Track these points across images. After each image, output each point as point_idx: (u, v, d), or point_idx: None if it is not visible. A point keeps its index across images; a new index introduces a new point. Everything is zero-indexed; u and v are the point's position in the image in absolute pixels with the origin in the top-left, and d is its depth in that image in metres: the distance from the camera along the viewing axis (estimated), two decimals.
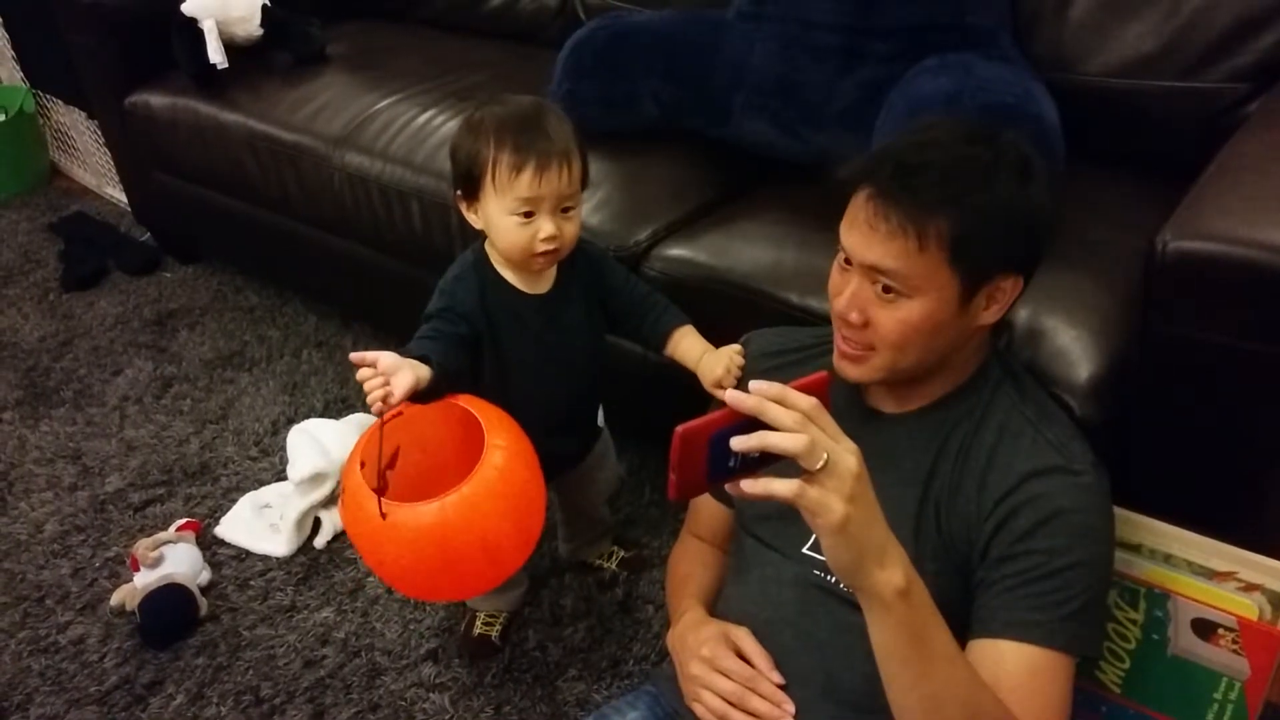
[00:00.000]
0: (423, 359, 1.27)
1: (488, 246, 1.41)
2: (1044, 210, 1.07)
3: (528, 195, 1.30)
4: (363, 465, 1.28)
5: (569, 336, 1.46)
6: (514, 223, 1.33)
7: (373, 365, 1.21)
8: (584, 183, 1.37)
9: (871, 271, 1.06)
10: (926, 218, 1.01)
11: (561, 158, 1.31)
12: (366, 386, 1.21)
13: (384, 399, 1.20)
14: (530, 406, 1.40)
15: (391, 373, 1.21)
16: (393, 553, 1.26)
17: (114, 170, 2.94)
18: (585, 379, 1.53)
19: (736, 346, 1.36)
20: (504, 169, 1.30)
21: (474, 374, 1.41)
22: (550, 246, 1.33)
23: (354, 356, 1.23)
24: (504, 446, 1.28)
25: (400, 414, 1.33)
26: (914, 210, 1.02)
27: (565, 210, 1.34)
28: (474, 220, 1.39)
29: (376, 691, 1.61)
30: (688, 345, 1.44)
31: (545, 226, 1.32)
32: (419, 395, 1.26)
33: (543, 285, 1.43)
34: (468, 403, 1.32)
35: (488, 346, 1.41)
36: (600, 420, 1.65)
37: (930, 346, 1.08)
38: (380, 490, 1.24)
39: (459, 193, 1.38)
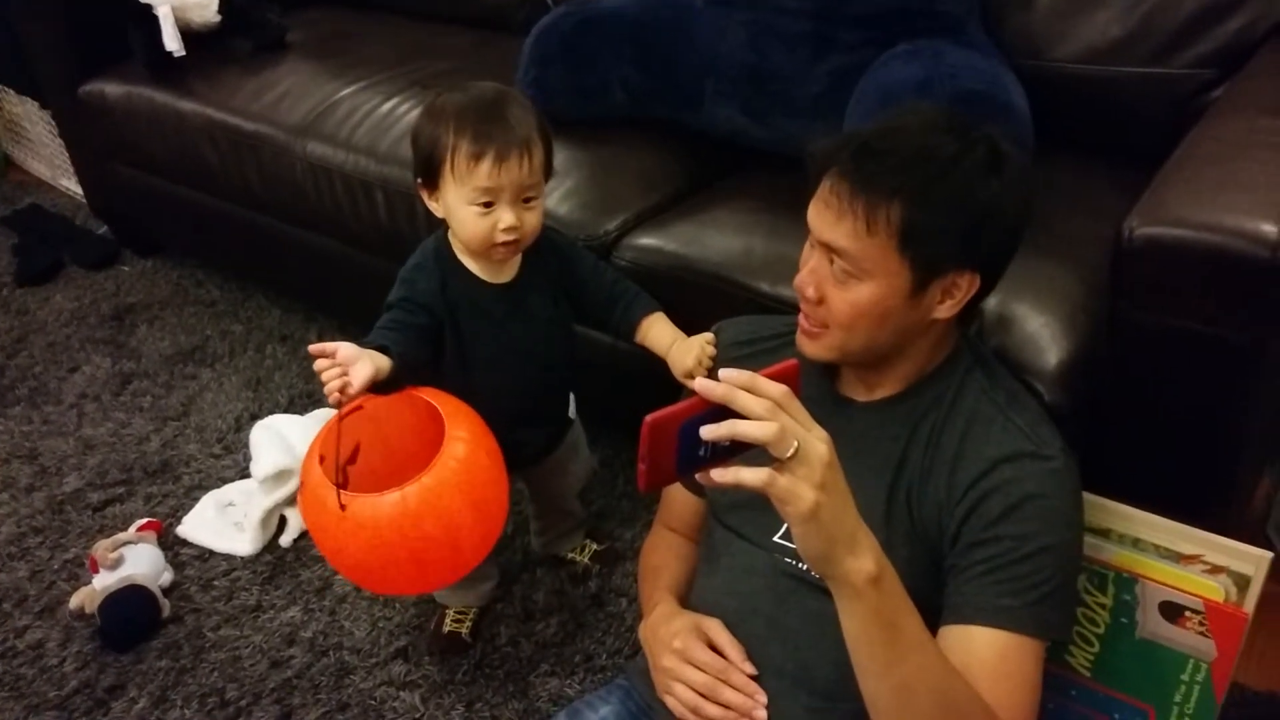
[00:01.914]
0: (382, 349, 1.25)
1: (450, 235, 1.40)
2: (1008, 208, 1.06)
3: (487, 185, 1.29)
4: (322, 459, 1.27)
5: (533, 326, 1.45)
6: (473, 213, 1.31)
7: (331, 356, 1.20)
8: (547, 172, 1.35)
9: (828, 250, 1.06)
10: (878, 202, 1.02)
11: (522, 147, 1.29)
12: (324, 378, 1.20)
13: (341, 390, 1.19)
14: (494, 397, 1.39)
15: (349, 364, 1.20)
16: (353, 547, 1.25)
17: (69, 162, 2.90)
18: (552, 370, 1.51)
19: (708, 335, 1.36)
20: (463, 158, 1.28)
21: (436, 364, 1.39)
22: (510, 237, 1.32)
23: (312, 348, 1.21)
24: (465, 438, 1.27)
25: (360, 408, 1.32)
26: (866, 193, 1.02)
27: (527, 200, 1.33)
28: (435, 208, 1.37)
29: (345, 691, 1.59)
30: (658, 333, 1.43)
31: (505, 217, 1.31)
32: (378, 386, 1.24)
33: (506, 274, 1.41)
34: (428, 395, 1.31)
35: (449, 336, 1.39)
36: (572, 412, 1.64)
37: (878, 331, 1.08)
38: (340, 483, 1.23)
39: (420, 180, 1.37)
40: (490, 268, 1.40)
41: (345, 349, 1.20)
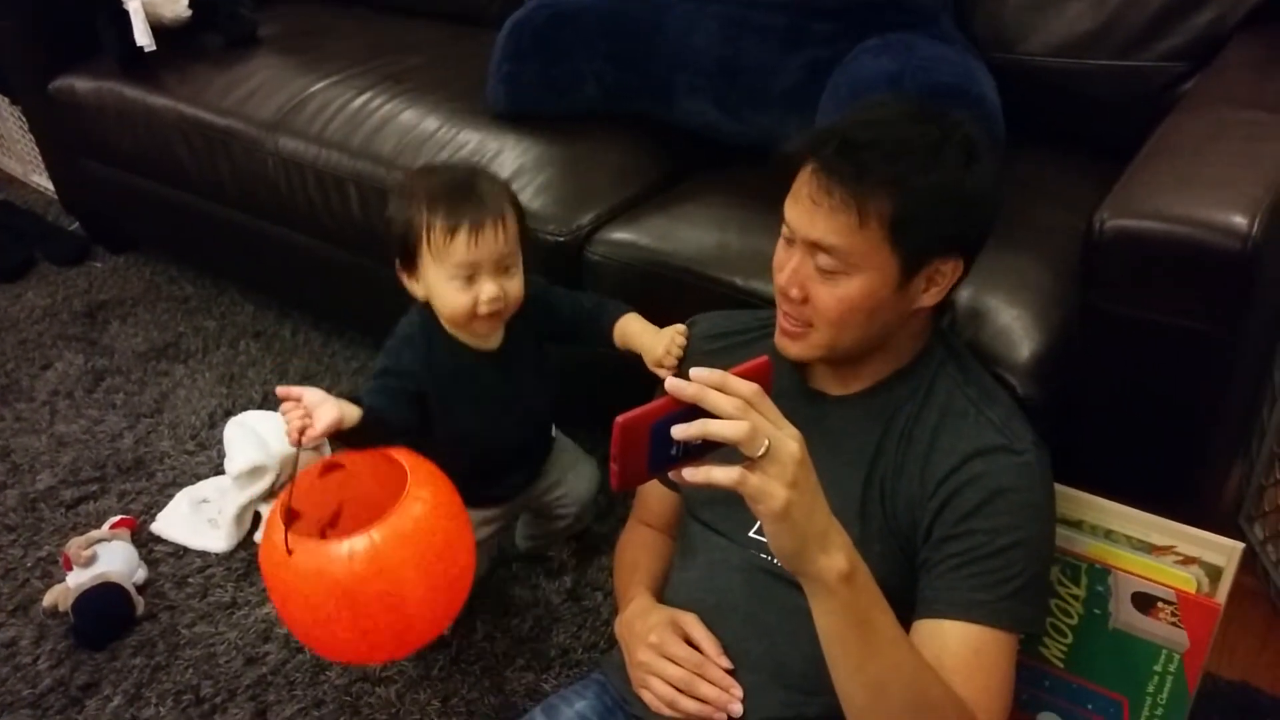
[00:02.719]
0: (353, 400, 1.25)
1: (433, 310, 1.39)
2: (987, 193, 1.07)
3: (465, 259, 1.29)
4: (296, 515, 1.27)
5: (523, 388, 1.46)
6: (454, 288, 1.31)
7: (297, 400, 1.20)
8: (523, 240, 1.36)
9: (812, 247, 1.06)
10: (868, 195, 1.01)
11: (495, 218, 1.30)
12: (287, 418, 1.19)
13: (301, 430, 1.18)
14: (483, 454, 1.44)
15: (315, 406, 1.19)
16: (297, 597, 1.23)
17: (39, 157, 2.87)
18: (539, 420, 1.54)
19: (680, 326, 1.36)
20: (439, 234, 1.29)
21: (423, 430, 1.38)
22: (494, 308, 1.32)
23: (279, 390, 1.22)
24: (426, 499, 1.25)
25: (341, 466, 1.33)
26: (856, 187, 1.01)
27: (506, 269, 1.33)
28: (416, 290, 1.37)
29: (321, 687, 1.58)
30: (632, 330, 1.43)
31: (487, 288, 1.31)
32: (352, 439, 1.25)
33: (493, 341, 1.41)
34: (400, 455, 1.30)
35: (435, 404, 1.39)
36: (553, 432, 1.64)
37: (869, 325, 1.08)
38: (288, 522, 1.22)
39: (398, 263, 1.37)
40: (475, 336, 1.40)
41: (310, 393, 1.20)
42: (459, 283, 1.31)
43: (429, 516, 1.24)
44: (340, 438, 1.24)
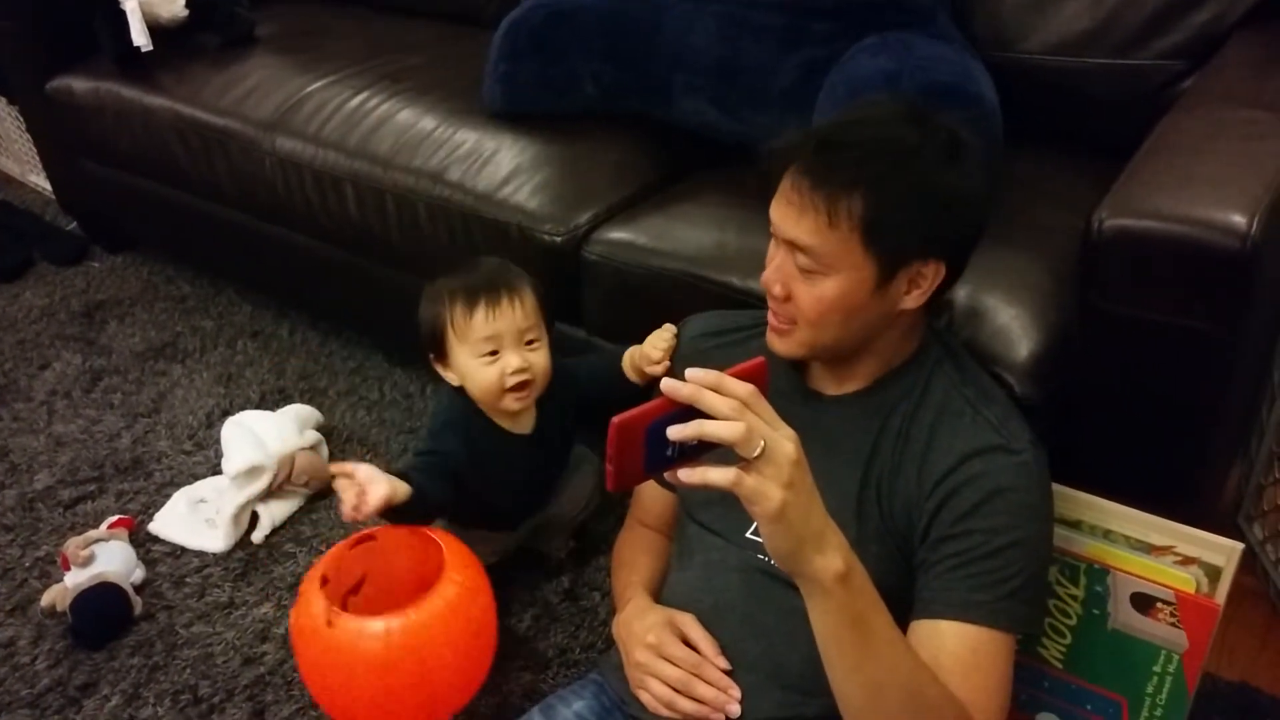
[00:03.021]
0: (404, 477, 1.30)
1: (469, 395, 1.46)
2: (969, 195, 1.06)
3: (486, 333, 1.38)
4: (325, 581, 1.30)
5: (553, 465, 1.60)
6: (481, 364, 1.40)
7: (350, 475, 1.25)
8: (544, 317, 1.43)
9: (791, 246, 1.06)
10: (838, 196, 1.01)
11: (510, 292, 1.39)
12: (342, 495, 1.25)
13: (356, 508, 1.24)
14: (509, 510, 1.59)
15: (367, 483, 1.25)
16: (333, 671, 1.27)
17: (37, 157, 2.87)
18: (560, 478, 1.64)
19: (668, 326, 1.36)
20: (459, 315, 1.39)
21: (458, 497, 1.44)
22: (520, 379, 1.39)
23: (333, 467, 1.27)
24: (460, 583, 1.31)
25: (373, 538, 1.38)
26: (826, 187, 1.02)
27: (530, 344, 1.40)
28: (450, 378, 1.46)
29: None
30: (633, 353, 1.46)
31: (511, 360, 1.39)
32: (394, 515, 1.30)
33: (526, 425, 1.48)
34: (437, 535, 1.36)
35: (472, 482, 1.44)
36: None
37: (847, 325, 1.08)
38: (335, 601, 1.28)
39: (432, 356, 1.46)
40: (510, 419, 1.46)
41: (365, 469, 1.26)
42: (484, 359, 1.39)
43: (462, 599, 1.30)
44: (384, 513, 1.29)
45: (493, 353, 1.39)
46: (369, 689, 1.26)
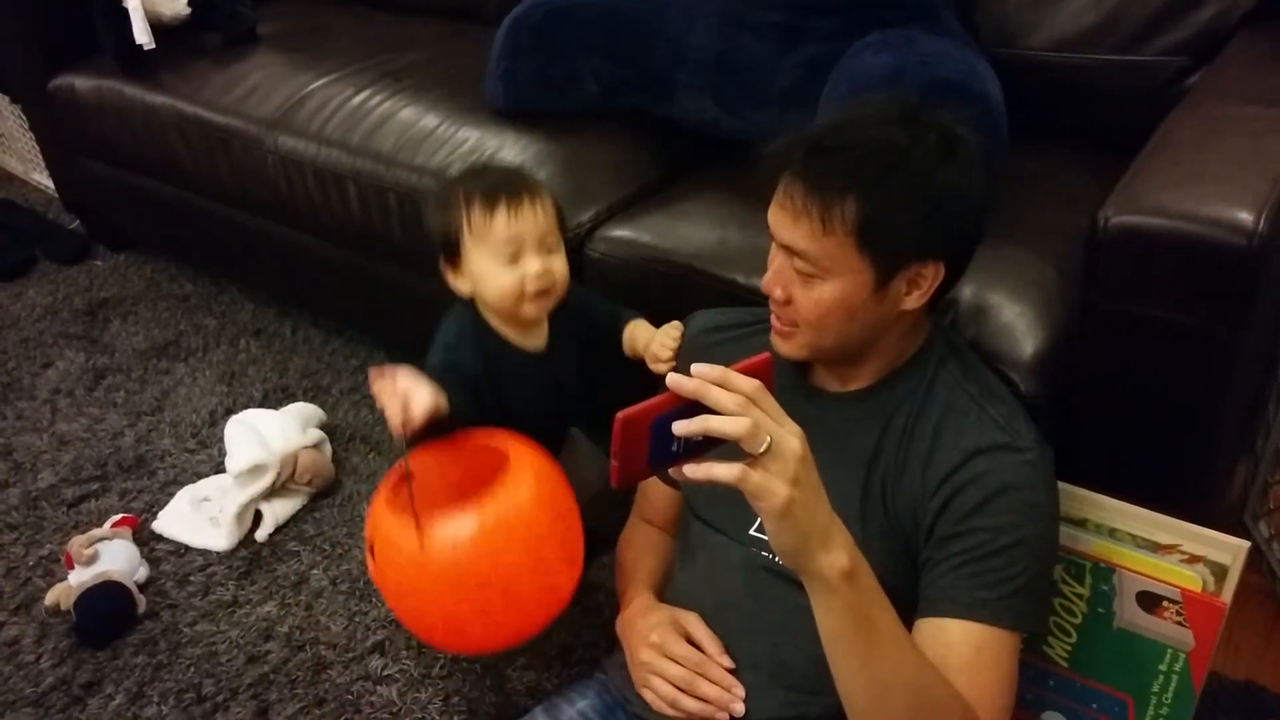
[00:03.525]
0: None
1: (479, 307, 1.40)
2: (965, 194, 1.05)
3: (507, 235, 1.31)
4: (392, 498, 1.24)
5: (566, 388, 1.49)
6: (500, 268, 1.32)
7: (390, 383, 1.19)
8: (562, 228, 1.38)
9: (789, 251, 1.06)
10: (831, 201, 1.01)
11: (531, 195, 1.32)
12: (386, 406, 1.19)
13: (405, 423, 1.18)
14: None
15: (411, 391, 1.19)
16: (433, 583, 1.19)
17: (40, 156, 2.87)
18: (576, 422, 1.56)
19: (676, 324, 1.36)
20: (478, 215, 1.31)
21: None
22: (541, 285, 1.33)
23: (373, 371, 1.22)
24: (532, 463, 1.24)
25: (414, 476, 1.28)
26: (819, 192, 1.01)
27: (549, 248, 1.35)
28: (461, 286, 1.38)
29: (322, 686, 1.58)
30: (637, 333, 1.44)
31: (533, 264, 1.32)
32: (436, 428, 1.24)
33: (539, 340, 1.42)
34: (492, 438, 1.28)
35: (489, 401, 1.39)
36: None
37: (848, 328, 1.08)
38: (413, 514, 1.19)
39: (443, 258, 1.38)
40: (523, 333, 1.41)
41: (404, 373, 1.20)
42: (504, 262, 1.32)
43: (545, 474, 1.24)
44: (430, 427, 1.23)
45: (512, 256, 1.32)
46: (480, 581, 1.18)
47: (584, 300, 1.49)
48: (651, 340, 1.37)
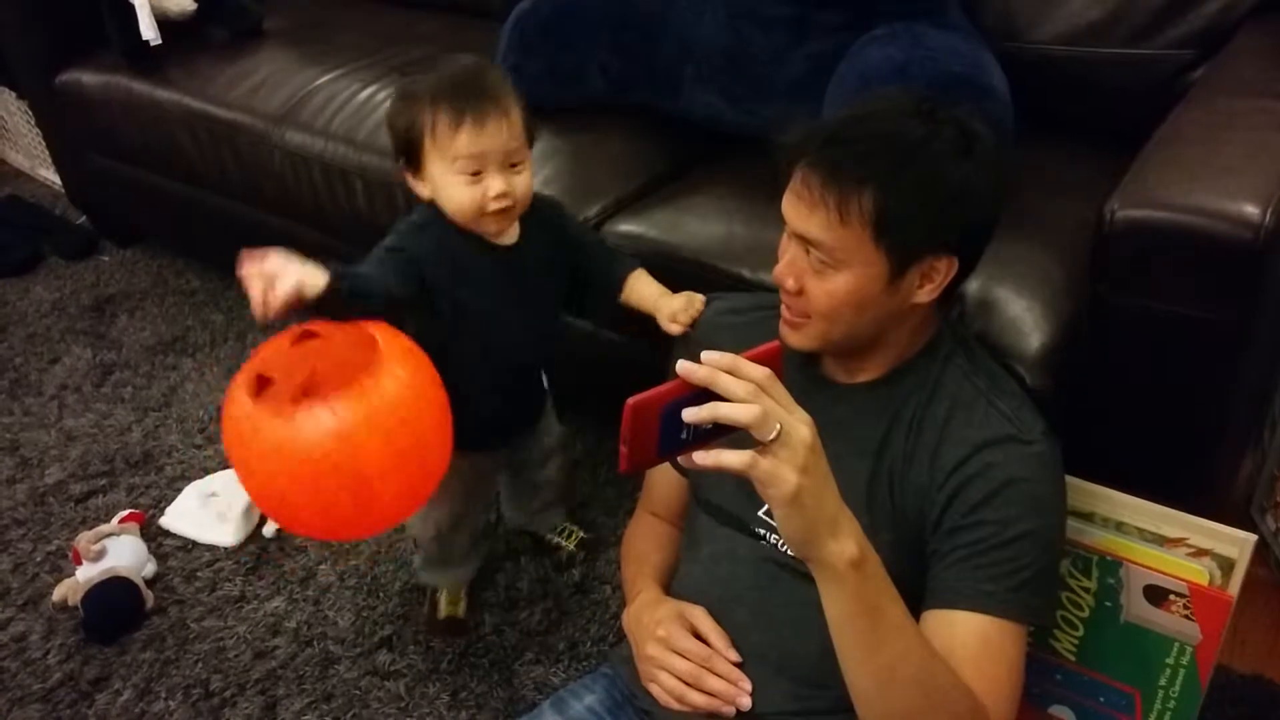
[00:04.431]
0: (345, 273, 1.19)
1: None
2: (980, 189, 1.05)
3: (471, 152, 1.26)
4: (266, 383, 1.18)
5: (532, 289, 1.42)
6: (461, 182, 1.28)
7: (259, 263, 1.12)
8: (529, 139, 1.33)
9: (803, 241, 1.06)
10: (849, 192, 1.01)
11: (499, 111, 1.26)
12: (249, 288, 1.12)
13: (266, 304, 1.11)
14: (486, 360, 1.38)
15: (277, 274, 1.12)
16: (265, 472, 1.17)
17: (46, 151, 2.87)
18: (544, 335, 1.49)
19: (700, 297, 1.34)
20: (443, 128, 1.26)
21: (419, 334, 1.31)
22: (502, 204, 1.28)
23: (244, 252, 1.14)
24: (400, 376, 1.17)
25: (315, 335, 1.23)
26: (836, 184, 1.01)
27: (514, 166, 1.30)
28: (421, 190, 1.34)
29: (330, 681, 1.58)
30: (643, 287, 1.42)
31: (494, 184, 1.27)
32: (328, 311, 1.18)
33: (509, 237, 1.37)
34: (378, 330, 1.21)
35: (444, 297, 1.34)
36: (545, 383, 1.61)
37: (860, 320, 1.07)
38: (259, 389, 1.15)
39: (402, 163, 1.33)
40: (487, 234, 1.35)
41: (274, 256, 1.13)
42: (465, 178, 1.27)
43: (400, 393, 1.16)
44: (316, 309, 1.16)
45: (475, 173, 1.27)
46: (301, 490, 1.15)
47: (555, 206, 1.45)
48: (673, 302, 1.34)
